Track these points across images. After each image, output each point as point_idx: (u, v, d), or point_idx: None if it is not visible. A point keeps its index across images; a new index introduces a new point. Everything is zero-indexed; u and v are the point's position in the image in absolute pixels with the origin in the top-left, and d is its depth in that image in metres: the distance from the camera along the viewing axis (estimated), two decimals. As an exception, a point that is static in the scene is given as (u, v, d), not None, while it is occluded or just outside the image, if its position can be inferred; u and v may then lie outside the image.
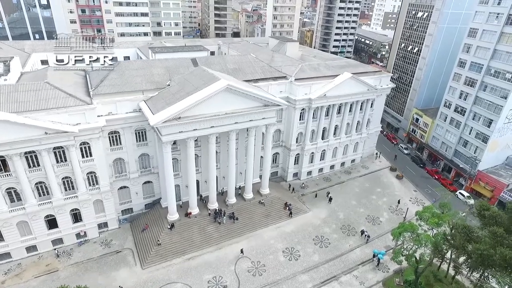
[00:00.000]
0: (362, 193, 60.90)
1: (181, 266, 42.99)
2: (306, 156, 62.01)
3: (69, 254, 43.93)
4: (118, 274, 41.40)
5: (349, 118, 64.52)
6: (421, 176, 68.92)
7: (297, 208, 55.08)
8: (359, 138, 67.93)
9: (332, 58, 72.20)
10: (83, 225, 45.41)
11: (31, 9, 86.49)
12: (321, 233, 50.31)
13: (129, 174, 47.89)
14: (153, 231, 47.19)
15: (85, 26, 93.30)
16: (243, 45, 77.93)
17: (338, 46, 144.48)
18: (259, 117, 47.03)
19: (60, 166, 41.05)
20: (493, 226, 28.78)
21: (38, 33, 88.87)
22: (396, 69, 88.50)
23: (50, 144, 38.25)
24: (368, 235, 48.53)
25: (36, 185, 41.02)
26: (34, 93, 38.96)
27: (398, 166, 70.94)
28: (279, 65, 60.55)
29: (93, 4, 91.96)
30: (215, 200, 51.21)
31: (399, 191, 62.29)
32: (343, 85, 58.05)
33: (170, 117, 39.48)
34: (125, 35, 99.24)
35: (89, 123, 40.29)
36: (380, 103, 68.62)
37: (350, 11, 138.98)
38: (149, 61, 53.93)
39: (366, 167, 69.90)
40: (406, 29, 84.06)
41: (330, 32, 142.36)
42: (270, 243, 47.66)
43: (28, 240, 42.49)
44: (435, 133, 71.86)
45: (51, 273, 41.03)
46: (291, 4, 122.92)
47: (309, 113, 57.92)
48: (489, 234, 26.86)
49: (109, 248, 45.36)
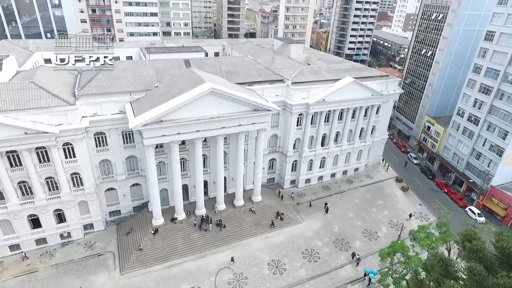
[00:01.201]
0: (361, 204, 57.53)
1: (160, 274, 41.67)
2: (304, 163, 59.33)
3: (52, 255, 43.65)
4: (96, 278, 40.60)
5: (352, 125, 61.28)
6: (429, 188, 64.48)
7: (290, 217, 52.61)
8: (363, 146, 64.44)
9: (337, 61, 69.05)
10: (67, 226, 45.07)
11: (44, 10, 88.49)
12: (312, 246, 47.61)
13: (116, 176, 47.15)
14: (136, 235, 46.23)
15: (95, 26, 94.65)
16: (247, 46, 76.16)
17: (353, 48, 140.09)
18: (249, 122, 45.04)
19: (42, 166, 40.77)
20: (473, 262, 24.35)
21: (50, 32, 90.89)
22: (409, 74, 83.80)
23: (30, 144, 37.94)
24: (359, 258, 44.74)
25: (19, 184, 40.96)
26: (18, 92, 38.80)
27: (405, 177, 66.80)
28: (279, 68, 58.36)
29: (103, 3, 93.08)
30: (203, 206, 49.65)
31: (402, 204, 58.40)
32: (345, 90, 55.03)
33: (150, 120, 38.22)
34: (135, 34, 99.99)
35: (72, 124, 39.76)
36: (387, 110, 64.85)
37: (366, 12, 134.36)
38: (140, 61, 53.25)
39: (370, 177, 66.27)
40: (420, 31, 79.36)
41: (345, 34, 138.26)
42: (256, 254, 45.53)
43: (11, 238, 42.54)
44: (447, 143, 67.14)
45: (31, 273, 40.78)
46: (304, 5, 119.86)
47: (307, 119, 55.29)
48: (467, 271, 23.28)
49: (91, 251, 44.75)
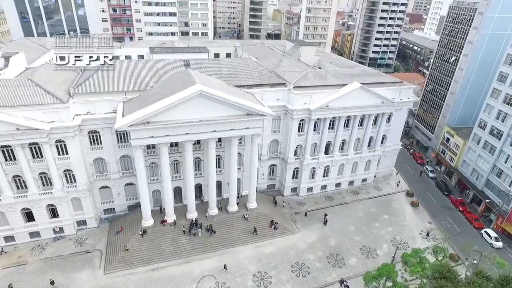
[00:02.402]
0: (364, 218, 54.08)
1: (142, 277, 41.16)
2: (306, 171, 56.80)
3: (43, 248, 44.55)
4: (79, 276, 40.83)
5: (360, 133, 57.90)
6: (442, 205, 59.49)
7: (285, 227, 50.41)
8: (372, 155, 60.72)
9: (349, 65, 65.67)
10: (59, 221, 45.84)
11: (69, 10, 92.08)
12: (303, 259, 45.17)
13: (110, 175, 47.39)
14: (125, 235, 46.15)
15: (115, 25, 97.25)
16: (258, 47, 74.56)
17: (378, 51, 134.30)
18: (242, 126, 43.46)
19: (36, 161, 41.62)
20: None
21: (73, 31, 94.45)
22: (431, 80, 78.19)
23: (22, 140, 38.75)
24: (347, 285, 41.11)
25: (13, 178, 42.12)
26: (14, 89, 39.83)
27: (418, 191, 62.26)
28: (284, 71, 56.21)
29: (124, 3, 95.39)
30: (194, 210, 48.71)
31: (410, 221, 54.22)
32: (351, 96, 51.99)
33: (136, 121, 37.76)
34: (153, 34, 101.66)
35: (64, 122, 40.24)
36: (400, 118, 60.66)
37: (394, 14, 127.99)
38: (140, 61, 53.35)
39: (378, 189, 62.38)
40: (444, 35, 73.75)
41: (370, 37, 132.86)
42: (244, 263, 43.86)
43: (6, 230, 43.86)
44: (466, 157, 61.67)
45: (20, 265, 41.77)
46: (326, 6, 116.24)
47: (309, 125, 52.78)
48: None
49: (81, 247, 45.20)
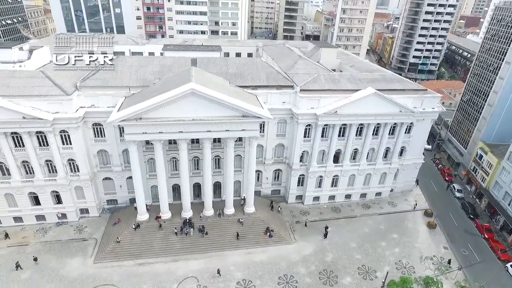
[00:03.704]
0: (370, 235, 49.97)
1: (128, 270, 41.63)
2: (312, 179, 53.94)
3: (45, 232, 47.05)
4: (71, 262, 42.38)
5: (374, 143, 53.74)
6: (464, 230, 53.02)
7: (281, 236, 48.24)
8: (388, 168, 56.04)
9: (371, 69, 61.21)
10: (63, 208, 48.08)
11: (107, 9, 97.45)
12: (293, 272, 42.72)
13: (112, 167, 48.77)
14: (121, 227, 47.18)
15: (148, 23, 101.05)
16: (279, 48, 72.66)
17: (419, 56, 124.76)
18: (238, 128, 42.17)
19: (42, 149, 43.97)
20: None
21: (110, 28, 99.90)
22: (468, 90, 70.37)
23: (28, 128, 41.08)
24: None
25: (22, 163, 44.93)
26: (26, 80, 42.47)
27: (439, 211, 56.29)
28: (296, 73, 53.99)
29: (157, 2, 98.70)
30: (189, 209, 48.50)
31: (422, 243, 49.02)
32: (364, 103, 48.32)
33: (128, 116, 38.19)
34: (184, 32, 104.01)
35: (67, 113, 42.00)
36: (423, 130, 55.16)
37: (440, 16, 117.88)
38: (147, 58, 54.16)
39: (393, 204, 57.45)
40: (487, 39, 65.90)
41: (411, 40, 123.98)
42: (230, 269, 42.55)
43: (15, 211, 46.97)
44: (499, 178, 54.37)
45: (22, 245, 44.45)
46: (363, 7, 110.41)
47: (316, 131, 49.97)
48: None
49: (79, 234, 47.03)
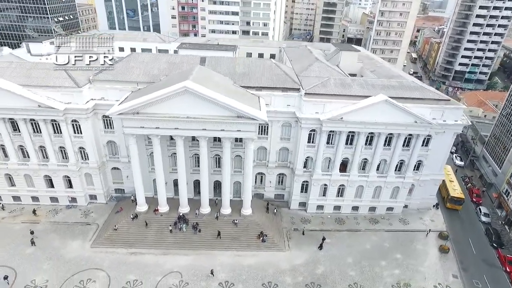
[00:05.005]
0: (371, 252, 46.75)
1: (119, 258, 43.36)
2: (315, 186, 51.89)
3: (56, 213, 50.76)
4: (71, 244, 45.18)
5: (386, 154, 50.26)
6: (483, 259, 47.32)
7: (274, 242, 47.05)
8: (401, 182, 52.02)
9: (391, 75, 57.13)
10: (73, 192, 51.51)
11: (145, 9, 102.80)
12: (279, 281, 41.38)
13: (120, 158, 51.19)
14: (121, 216, 49.29)
15: (182, 22, 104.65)
16: (300, 50, 70.85)
17: (467, 64, 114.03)
18: (233, 128, 41.89)
19: (56, 136, 47.48)
20: None
21: (147, 26, 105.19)
22: (510, 102, 62.64)
23: (43, 116, 44.65)
24: None
25: (40, 148, 48.91)
26: (45, 72, 46.08)
27: (457, 234, 51.02)
28: (308, 75, 52.44)
29: (191, 1, 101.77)
30: (187, 205, 49.27)
31: (428, 267, 44.70)
32: (373, 110, 45.44)
33: (124, 110, 39.78)
34: (215, 32, 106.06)
35: (77, 104, 44.94)
36: (443, 144, 50.28)
37: (494, 20, 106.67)
38: (158, 55, 55.96)
39: (405, 222, 53.22)
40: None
41: (458, 46, 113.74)
42: (216, 269, 42.28)
43: (32, 191, 51.33)
44: (532, 205, 47.74)
45: (33, 223, 48.33)
46: (404, 9, 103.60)
47: (321, 137, 47.95)
48: None
49: (85, 219, 50.02)
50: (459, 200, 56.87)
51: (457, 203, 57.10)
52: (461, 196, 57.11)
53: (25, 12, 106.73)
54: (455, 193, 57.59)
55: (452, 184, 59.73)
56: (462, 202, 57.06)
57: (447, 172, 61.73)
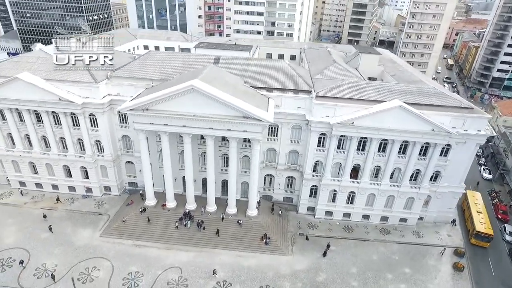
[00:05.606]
0: (378, 264, 44.83)
1: (125, 249, 44.80)
2: (324, 191, 50.63)
3: (72, 201, 53.42)
4: (82, 232, 47.33)
5: (400, 162, 48.04)
6: (502, 281, 43.72)
7: (277, 245, 46.50)
8: (415, 193, 49.45)
9: (412, 80, 54.29)
10: (89, 183, 53.95)
11: (173, 9, 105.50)
12: (277, 285, 40.79)
13: (134, 152, 52.93)
14: (131, 208, 50.90)
15: (208, 22, 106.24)
16: (320, 52, 69.31)
17: (506, 70, 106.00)
18: (239, 128, 41.90)
19: (75, 128, 49.99)
20: None
21: (174, 25, 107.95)
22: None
23: (63, 109, 47.14)
24: None
25: (60, 139, 51.70)
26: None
27: (475, 252, 47.58)
28: (322, 78, 51.44)
29: (218, 1, 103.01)
30: (193, 201, 49.97)
31: (438, 285, 42.10)
32: (387, 116, 43.66)
33: (134, 106, 41.02)
34: (240, 32, 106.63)
35: (94, 99, 47.00)
36: (464, 154, 47.18)
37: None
38: (173, 53, 56.94)
39: (418, 235, 50.53)
40: None
41: (498, 51, 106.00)
42: (216, 267, 42.54)
43: (52, 180, 54.39)
44: (563, 226, 43.22)
45: (51, 210, 51.19)
46: (437, 11, 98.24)
47: (331, 141, 46.72)
48: None
49: (98, 209, 52.22)
50: (487, 236, 48.87)
51: (484, 239, 49.00)
52: (489, 233, 48.92)
53: (65, 11, 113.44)
54: (481, 227, 49.34)
55: (479, 216, 51.52)
56: (490, 239, 48.95)
57: (475, 201, 54.89)
